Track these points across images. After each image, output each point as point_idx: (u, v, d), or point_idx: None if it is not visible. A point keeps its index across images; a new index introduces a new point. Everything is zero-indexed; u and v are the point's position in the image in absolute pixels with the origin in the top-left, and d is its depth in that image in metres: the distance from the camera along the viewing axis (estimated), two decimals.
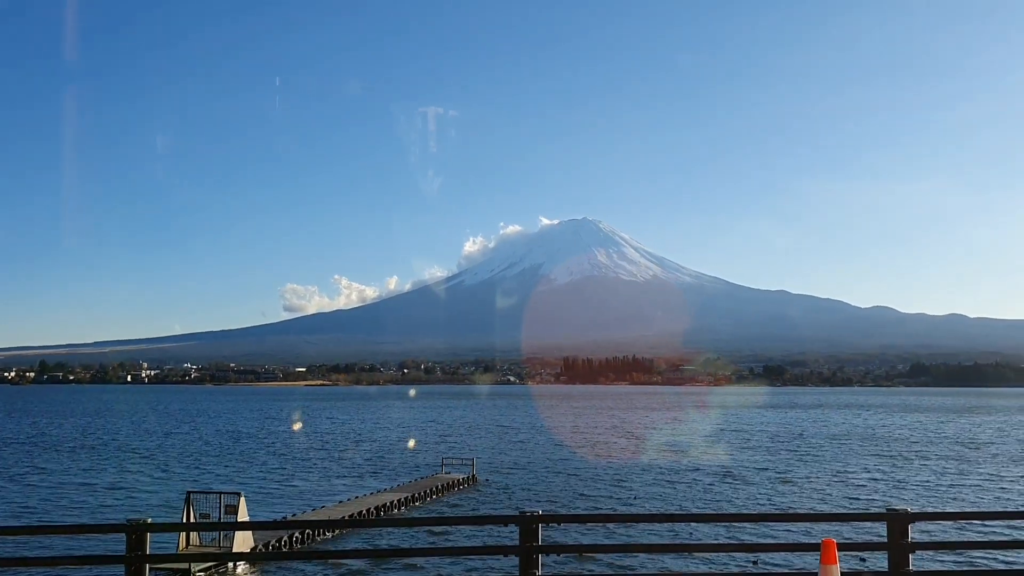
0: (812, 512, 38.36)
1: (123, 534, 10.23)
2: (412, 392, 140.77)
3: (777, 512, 39.87)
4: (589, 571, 23.16)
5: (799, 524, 32.56)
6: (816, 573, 8.12)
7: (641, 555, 27.24)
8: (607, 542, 28.73)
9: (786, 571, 21.98)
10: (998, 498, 45.02)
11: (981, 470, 58.02)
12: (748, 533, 32.11)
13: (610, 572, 25.64)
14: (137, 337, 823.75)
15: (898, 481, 52.14)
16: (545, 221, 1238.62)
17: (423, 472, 55.35)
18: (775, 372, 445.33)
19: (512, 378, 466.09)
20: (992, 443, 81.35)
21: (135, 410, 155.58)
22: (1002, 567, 25.91)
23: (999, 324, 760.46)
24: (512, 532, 8.70)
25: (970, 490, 48.11)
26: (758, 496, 45.47)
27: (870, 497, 45.16)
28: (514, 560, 8.59)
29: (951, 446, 78.01)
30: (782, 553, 26.12)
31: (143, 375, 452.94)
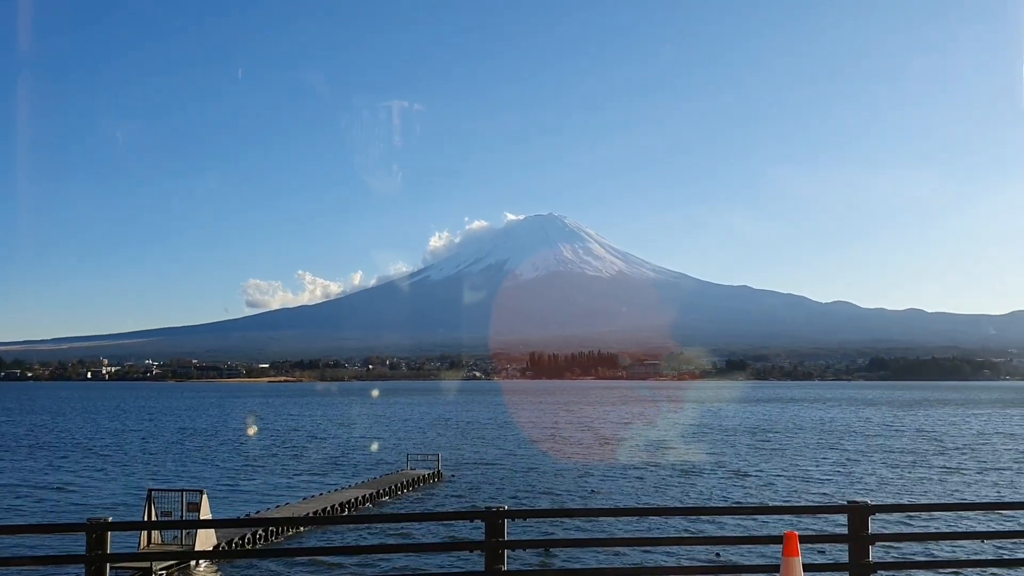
0: (774, 505, 38.81)
1: (83, 533, 10.08)
2: (375, 392, 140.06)
3: (739, 505, 40.31)
4: (555, 566, 23.23)
5: (761, 517, 32.96)
6: (778, 565, 8.21)
7: (606, 549, 27.40)
8: (572, 537, 28.86)
9: (749, 564, 22.21)
10: (955, 491, 45.88)
11: (936, 463, 59.07)
12: (711, 526, 32.44)
13: (576, 567, 25.76)
14: (97, 333, 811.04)
15: (858, 474, 52.94)
16: (511, 216, 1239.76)
17: (388, 468, 55.16)
18: (738, 367, 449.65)
19: (478, 373, 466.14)
20: (946, 436, 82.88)
21: (94, 407, 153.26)
22: (963, 557, 26.40)
23: (956, 319, 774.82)
24: (478, 528, 8.69)
25: (927, 483, 48.98)
26: (720, 490, 45.92)
27: (831, 490, 45.80)
28: (480, 556, 8.58)
29: (908, 440, 79.35)
30: (745, 546, 26.43)
31: (103, 372, 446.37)
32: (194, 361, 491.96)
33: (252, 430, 62.69)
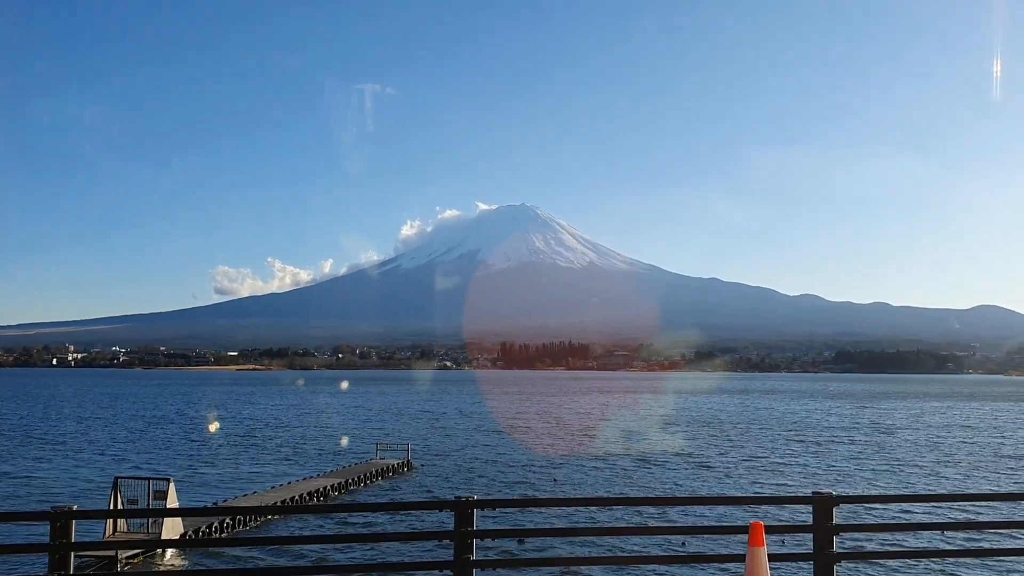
0: (740, 496, 39.23)
1: (47, 522, 9.96)
2: (344, 384, 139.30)
3: (706, 496, 40.70)
4: (523, 555, 23.32)
5: (728, 507, 33.31)
6: (744, 555, 8.31)
7: (575, 538, 27.56)
8: (542, 526, 28.97)
9: (716, 553, 22.44)
10: (916, 483, 46.61)
11: (897, 456, 59.96)
12: (678, 516, 32.73)
13: (545, 556, 25.87)
14: (64, 319, 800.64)
15: (822, 466, 53.60)
16: (483, 206, 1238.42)
17: (357, 458, 55.00)
18: (706, 358, 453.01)
19: (449, 363, 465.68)
20: (907, 429, 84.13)
21: (58, 394, 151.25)
22: (924, 546, 26.87)
23: (922, 312, 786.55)
24: (447, 517, 8.71)
25: (889, 475, 49.72)
26: (687, 480, 46.31)
27: (796, 481, 46.35)
28: (449, 545, 8.60)
29: (870, 432, 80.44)
30: (712, 536, 26.69)
31: (69, 358, 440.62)
32: (162, 348, 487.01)
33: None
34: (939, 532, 28.84)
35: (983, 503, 34.76)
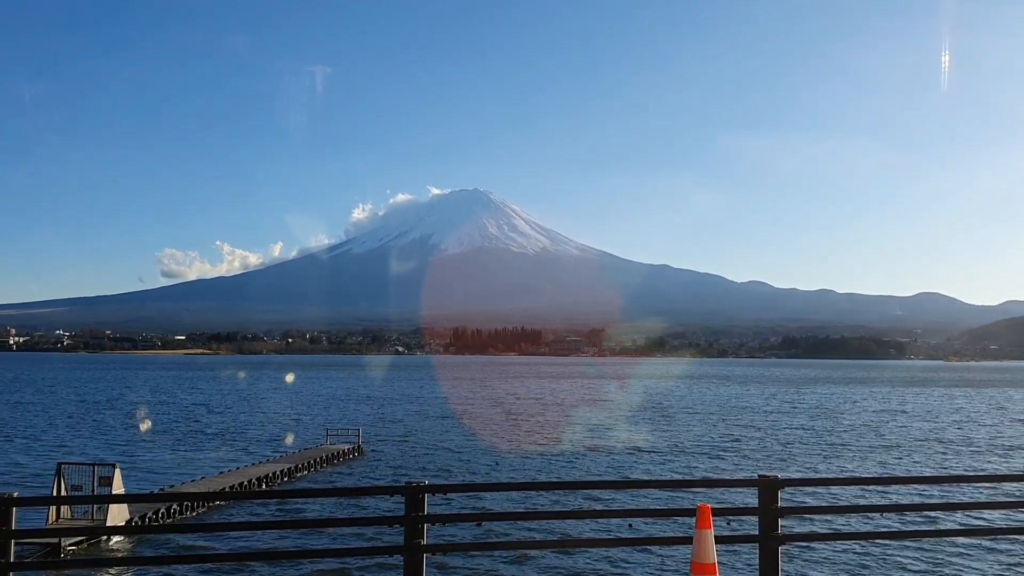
0: (687, 479, 39.78)
1: None
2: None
3: (653, 479, 41.21)
4: (474, 539, 23.45)
5: (675, 491, 33.77)
6: (691, 537, 8.43)
7: (525, 523, 27.74)
8: (492, 510, 29.10)
9: (664, 536, 22.78)
10: (857, 466, 47.70)
11: (838, 440, 61.28)
12: (627, 499, 33.09)
13: (495, 540, 26.01)
14: (5, 302, 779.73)
15: (767, 449, 54.59)
16: (435, 191, 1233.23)
17: (307, 443, 54.59)
18: (656, 344, 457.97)
19: (400, 348, 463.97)
20: (847, 413, 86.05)
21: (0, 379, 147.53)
22: (865, 529, 27.54)
23: (865, 299, 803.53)
24: (398, 502, 8.70)
25: (831, 458, 50.80)
26: (635, 464, 46.82)
27: (742, 465, 47.14)
28: (400, 530, 8.60)
29: (812, 417, 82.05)
30: (660, 519, 27.05)
31: (11, 342, 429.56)
32: (107, 332, 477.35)
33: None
34: (880, 515, 29.58)
35: (924, 486, 35.76)
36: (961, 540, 26.93)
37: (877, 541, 26.78)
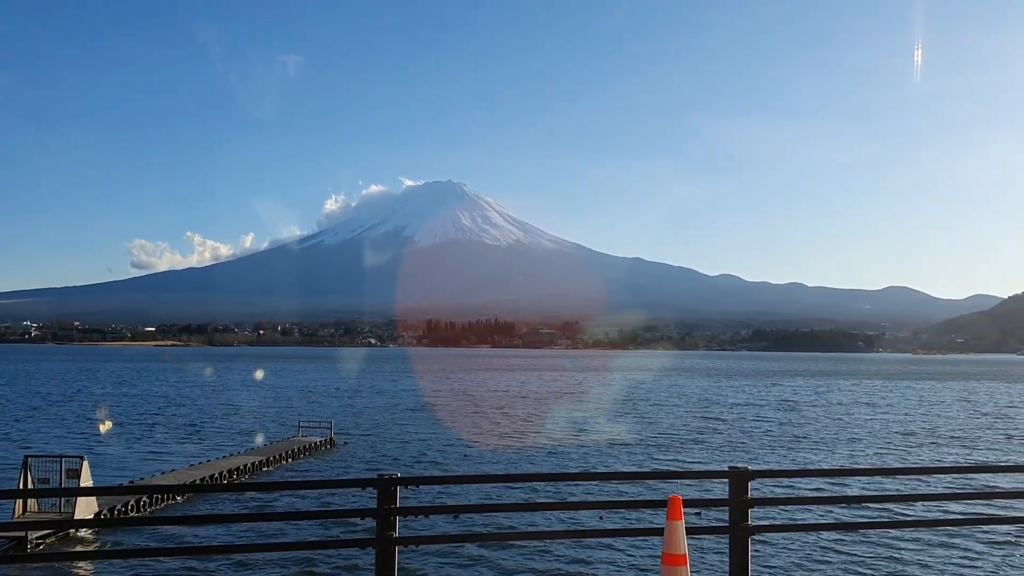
0: (658, 471, 40.05)
1: None
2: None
3: (625, 471, 41.46)
4: (446, 532, 23.45)
5: (647, 482, 33.99)
6: (663, 528, 8.49)
7: (497, 515, 27.78)
8: (463, 503, 29.09)
9: (635, 527, 22.92)
10: (822, 458, 48.28)
11: (807, 431, 61.95)
12: (597, 491, 33.26)
13: (467, 532, 26.06)
14: None
15: (737, 442, 55.07)
16: (408, 182, 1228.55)
17: (278, 435, 54.27)
18: (629, 337, 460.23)
19: (373, 341, 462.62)
20: (816, 406, 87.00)
21: None
22: (833, 521, 27.89)
23: (835, 293, 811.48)
24: (370, 495, 8.68)
25: (800, 450, 51.36)
26: (606, 456, 47.03)
27: (713, 457, 47.52)
28: (371, 523, 8.58)
29: (782, 410, 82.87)
30: (631, 510, 27.22)
31: None
32: (76, 323, 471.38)
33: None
34: (849, 505, 29.97)
35: (892, 478, 36.21)
36: (929, 531, 27.34)
37: (846, 531, 27.13)
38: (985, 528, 27.40)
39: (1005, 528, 27.46)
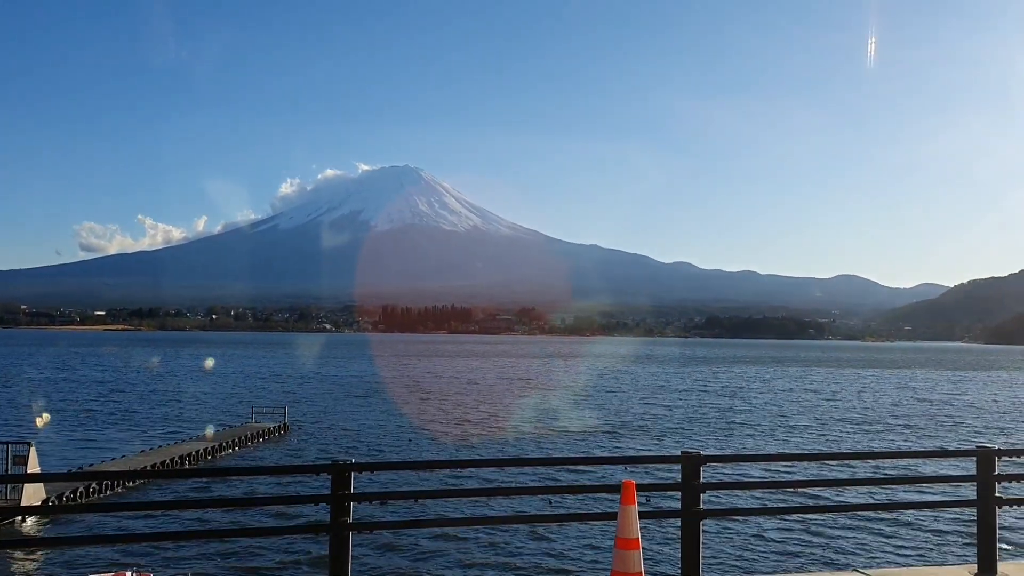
0: (611, 456, 40.40)
1: None
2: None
3: (578, 456, 41.75)
4: (400, 518, 23.44)
5: (601, 467, 34.27)
6: (616, 513, 8.58)
7: (451, 500, 27.82)
8: (418, 488, 29.12)
9: (589, 512, 23.13)
10: (773, 442, 49.14)
11: (758, 419, 62.97)
12: (552, 476, 33.48)
13: (421, 518, 26.10)
14: None
15: (689, 426, 55.79)
16: (364, 166, 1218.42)
17: (232, 421, 53.71)
18: (585, 323, 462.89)
19: (328, 326, 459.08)
20: (766, 392, 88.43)
21: None
22: (785, 505, 28.39)
23: (786, 280, 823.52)
24: (324, 481, 8.66)
25: (752, 436, 52.20)
26: (560, 441, 47.34)
27: (665, 442, 48.07)
28: (325, 509, 8.56)
29: (732, 397, 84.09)
30: (585, 495, 27.44)
31: None
32: (23, 307, 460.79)
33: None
34: (796, 489, 30.48)
35: (841, 462, 36.95)
36: (878, 514, 28.00)
37: (796, 516, 27.66)
38: (928, 512, 28.15)
39: (932, 512, 28.22)
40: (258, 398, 68.70)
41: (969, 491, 9.61)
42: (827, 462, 36.53)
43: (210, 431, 50.91)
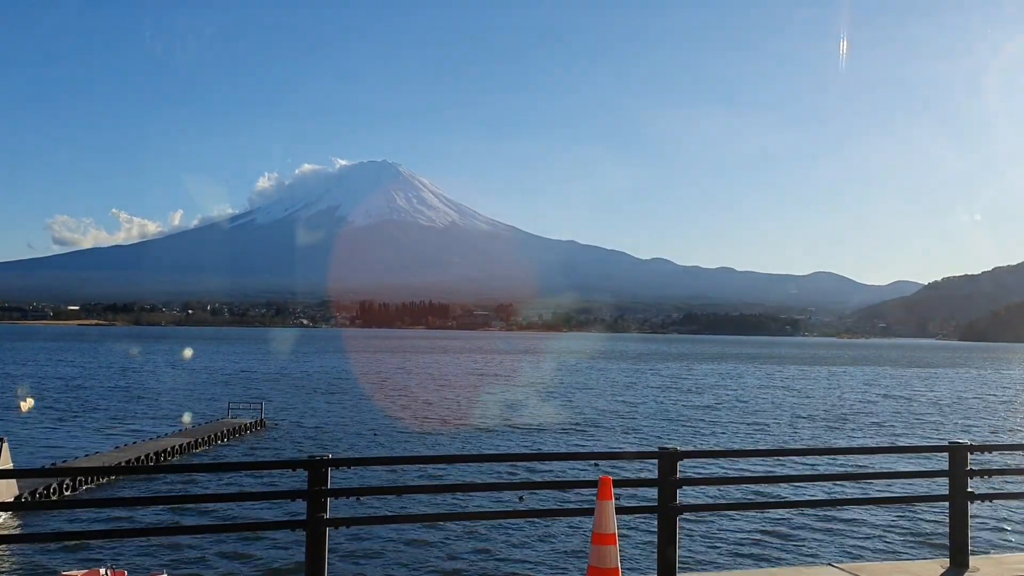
0: (588, 451, 40.51)
1: None
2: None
3: (555, 452, 41.82)
4: (377, 513, 23.47)
5: (576, 463, 34.32)
6: (593, 508, 8.60)
7: (428, 496, 27.85)
8: (395, 483, 29.08)
9: (566, 508, 23.19)
10: (747, 438, 49.49)
11: (732, 416, 63.38)
12: (529, 472, 33.54)
13: (397, 513, 26.06)
14: None
15: (665, 422, 56.07)
16: (341, 161, 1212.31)
17: (208, 417, 53.35)
18: (563, 319, 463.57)
19: (305, 321, 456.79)
20: (741, 388, 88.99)
21: None
22: (760, 500, 28.60)
23: (763, 277, 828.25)
24: (301, 477, 8.62)
25: (727, 432, 52.54)
26: (536, 437, 47.41)
27: (642, 438, 48.26)
28: (302, 504, 8.53)
29: (708, 395, 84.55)
30: (562, 490, 27.48)
31: None
32: None
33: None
34: (774, 484, 30.76)
35: (814, 457, 37.31)
36: (852, 509, 28.27)
37: (771, 510, 27.89)
38: (902, 506, 28.46)
39: (906, 507, 28.52)
40: (235, 393, 68.26)
41: (941, 486, 9.71)
42: (801, 458, 36.98)
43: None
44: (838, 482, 31.95)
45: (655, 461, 9.42)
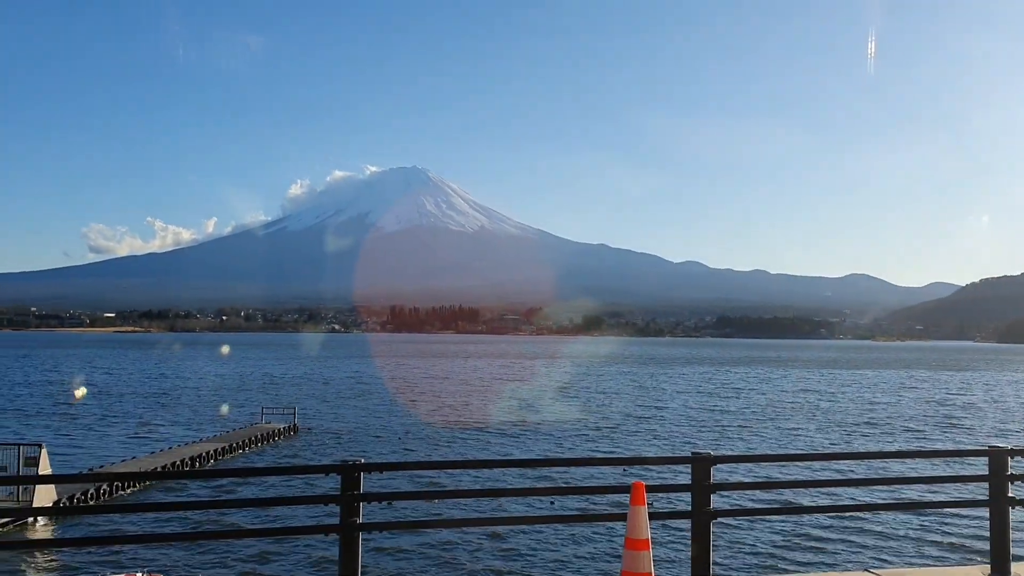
0: (622, 457, 40.33)
1: None
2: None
3: (588, 457, 41.70)
4: (410, 518, 23.48)
5: (609, 468, 34.22)
6: (626, 514, 8.56)
7: (461, 500, 27.84)
8: (427, 489, 29.14)
9: (600, 512, 23.11)
10: (784, 443, 48.98)
11: (768, 419, 62.80)
12: (561, 477, 33.45)
13: (431, 518, 26.10)
14: None
15: (700, 428, 55.68)
16: (372, 168, 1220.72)
17: (242, 422, 53.82)
18: (594, 323, 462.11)
19: (337, 326, 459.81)
20: (779, 392, 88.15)
21: None
22: (794, 505, 28.29)
23: (797, 280, 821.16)
24: (334, 481, 8.66)
25: (762, 437, 52.06)
26: (568, 442, 47.27)
27: (676, 443, 47.97)
28: (336, 509, 8.57)
29: (743, 399, 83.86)
30: (594, 495, 27.40)
31: None
32: (32, 309, 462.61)
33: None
34: (806, 489, 30.40)
35: (850, 462, 36.81)
36: (889, 514, 27.88)
37: (806, 515, 27.57)
38: (940, 512, 28.01)
39: (945, 513, 28.08)
40: (268, 398, 68.85)
41: (981, 491, 9.55)
42: (837, 462, 36.52)
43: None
44: (875, 486, 31.48)
45: (682, 467, 9.37)
